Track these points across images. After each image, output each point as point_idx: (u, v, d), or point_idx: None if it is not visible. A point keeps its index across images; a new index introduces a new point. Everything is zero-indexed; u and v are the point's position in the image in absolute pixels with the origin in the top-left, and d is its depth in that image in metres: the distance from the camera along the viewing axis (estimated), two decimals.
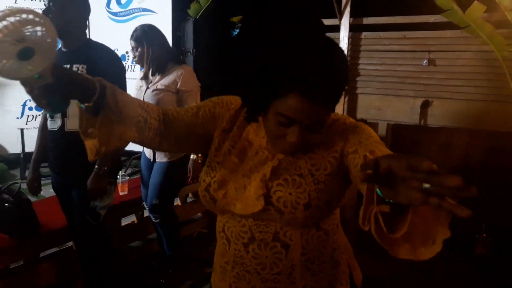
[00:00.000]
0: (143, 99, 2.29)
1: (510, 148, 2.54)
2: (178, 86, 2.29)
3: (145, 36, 2.29)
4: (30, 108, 4.43)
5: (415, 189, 0.51)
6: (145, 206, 2.64)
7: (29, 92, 0.68)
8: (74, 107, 1.88)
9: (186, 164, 2.44)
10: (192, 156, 2.40)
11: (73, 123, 1.85)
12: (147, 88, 2.37)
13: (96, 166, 1.84)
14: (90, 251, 2.02)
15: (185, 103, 2.32)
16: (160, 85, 2.31)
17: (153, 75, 2.35)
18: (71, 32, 1.84)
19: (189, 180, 2.46)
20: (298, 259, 0.89)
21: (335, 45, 0.81)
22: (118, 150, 1.96)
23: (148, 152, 2.52)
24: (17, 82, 0.67)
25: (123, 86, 1.97)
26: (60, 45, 1.90)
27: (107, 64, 1.85)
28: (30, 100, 4.30)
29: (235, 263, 0.92)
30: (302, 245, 0.89)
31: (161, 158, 2.42)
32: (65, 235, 2.28)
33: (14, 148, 4.39)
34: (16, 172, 4.53)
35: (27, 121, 4.42)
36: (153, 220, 2.50)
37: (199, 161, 2.41)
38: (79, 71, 1.81)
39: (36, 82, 0.66)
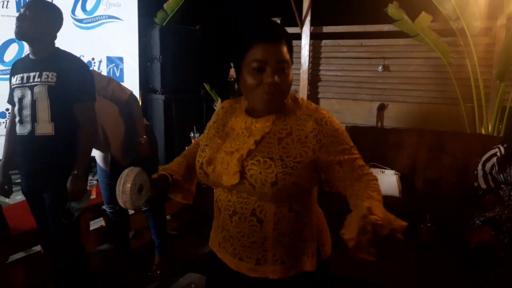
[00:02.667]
0: None
1: (451, 147, 2.79)
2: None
3: None
4: None
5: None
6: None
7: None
8: (43, 113, 1.90)
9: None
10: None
11: (43, 128, 1.91)
12: None
13: (74, 170, 1.91)
14: (64, 252, 2.06)
15: (117, 97, 2.40)
16: None
17: None
18: (42, 40, 1.90)
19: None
20: (270, 233, 1.07)
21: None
22: (90, 154, 2.03)
23: (103, 164, 2.59)
24: None
25: (93, 93, 2.05)
26: (29, 53, 1.96)
27: (77, 72, 1.94)
28: None
29: (223, 228, 1.14)
30: (274, 222, 1.06)
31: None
32: (33, 238, 2.32)
33: None
34: None
35: None
36: (143, 209, 2.68)
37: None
38: (48, 78, 1.88)
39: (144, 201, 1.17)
